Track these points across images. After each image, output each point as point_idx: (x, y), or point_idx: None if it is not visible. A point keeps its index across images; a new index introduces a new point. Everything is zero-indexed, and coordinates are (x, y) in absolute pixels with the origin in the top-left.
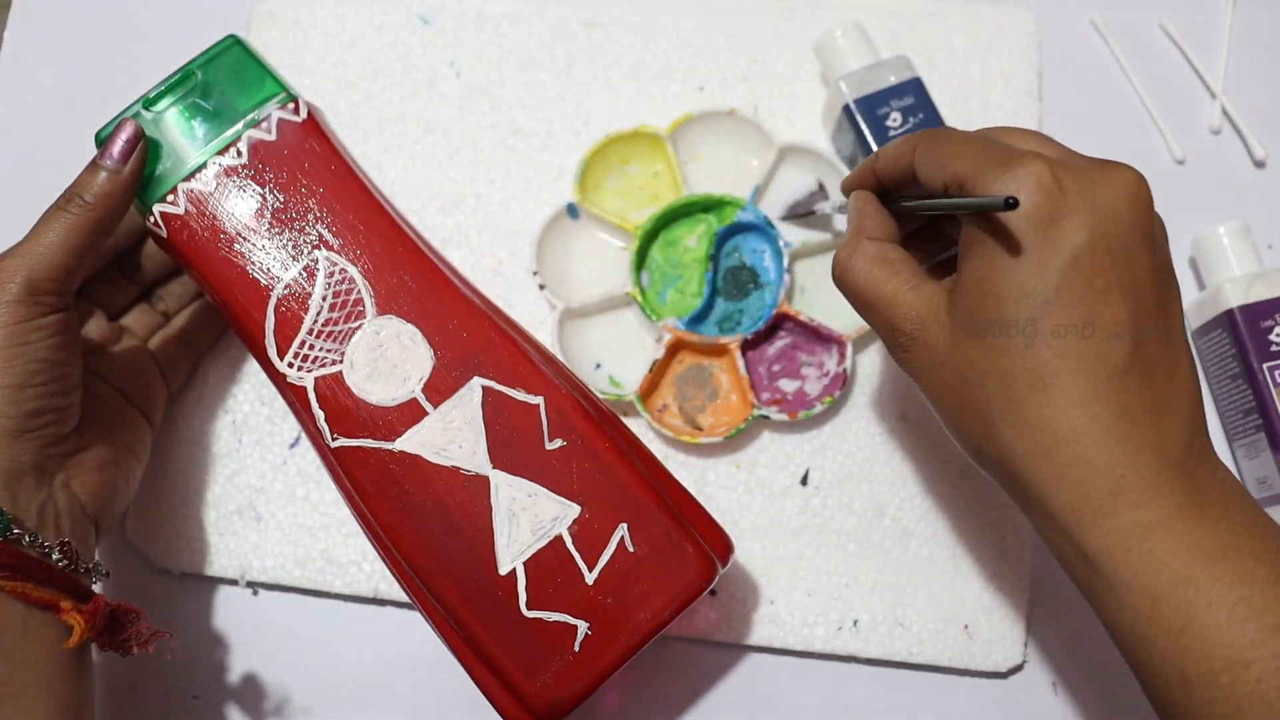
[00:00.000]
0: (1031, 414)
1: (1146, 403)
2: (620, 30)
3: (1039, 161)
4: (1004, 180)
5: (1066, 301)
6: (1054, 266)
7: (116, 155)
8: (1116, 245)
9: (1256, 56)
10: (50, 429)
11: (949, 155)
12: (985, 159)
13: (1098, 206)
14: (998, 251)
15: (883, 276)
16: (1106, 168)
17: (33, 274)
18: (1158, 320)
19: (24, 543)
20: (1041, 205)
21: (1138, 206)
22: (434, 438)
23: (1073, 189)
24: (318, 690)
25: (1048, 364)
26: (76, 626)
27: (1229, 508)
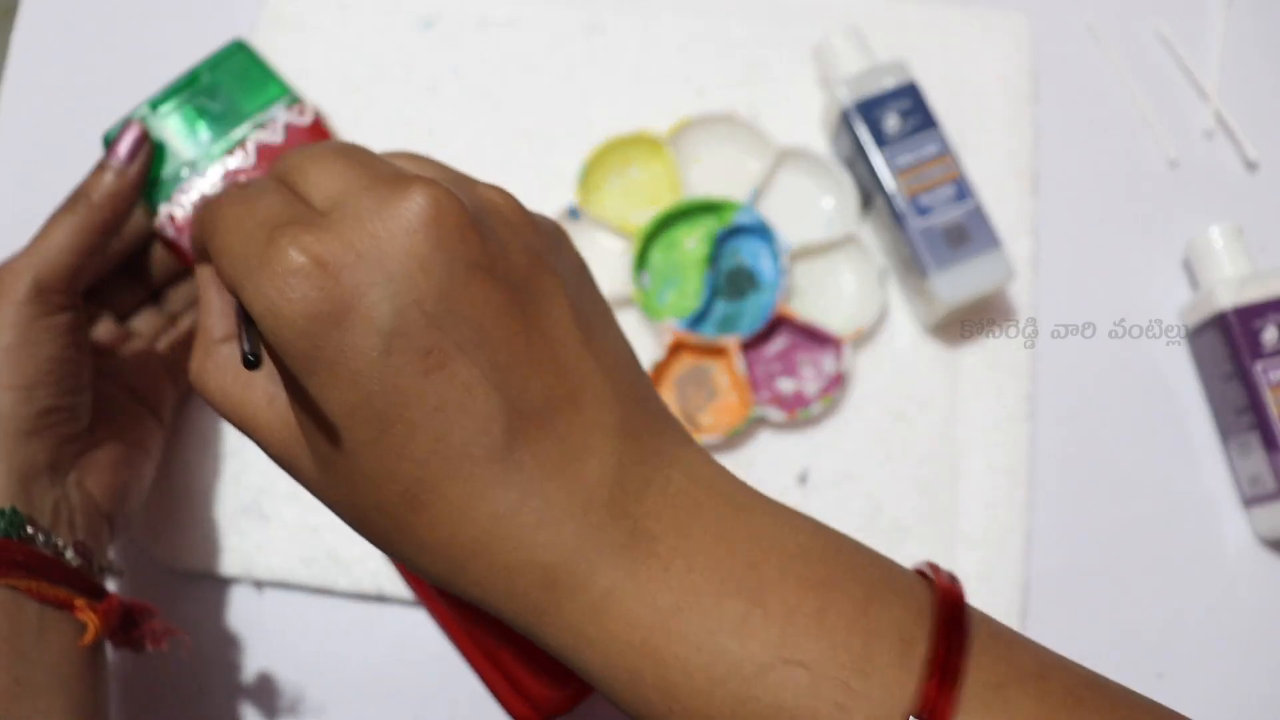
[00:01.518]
0: (426, 538)
1: (554, 463)
2: (621, 35)
3: (292, 247)
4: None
5: (402, 404)
6: (368, 371)
7: (123, 156)
8: (435, 300)
9: (1249, 60)
10: (63, 428)
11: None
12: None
13: (388, 269)
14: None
15: (236, 394)
16: (389, 203)
17: (40, 274)
18: (535, 355)
19: (38, 542)
20: (319, 309)
21: (445, 238)
22: None
23: (347, 261)
24: (323, 687)
25: (414, 479)
26: (91, 624)
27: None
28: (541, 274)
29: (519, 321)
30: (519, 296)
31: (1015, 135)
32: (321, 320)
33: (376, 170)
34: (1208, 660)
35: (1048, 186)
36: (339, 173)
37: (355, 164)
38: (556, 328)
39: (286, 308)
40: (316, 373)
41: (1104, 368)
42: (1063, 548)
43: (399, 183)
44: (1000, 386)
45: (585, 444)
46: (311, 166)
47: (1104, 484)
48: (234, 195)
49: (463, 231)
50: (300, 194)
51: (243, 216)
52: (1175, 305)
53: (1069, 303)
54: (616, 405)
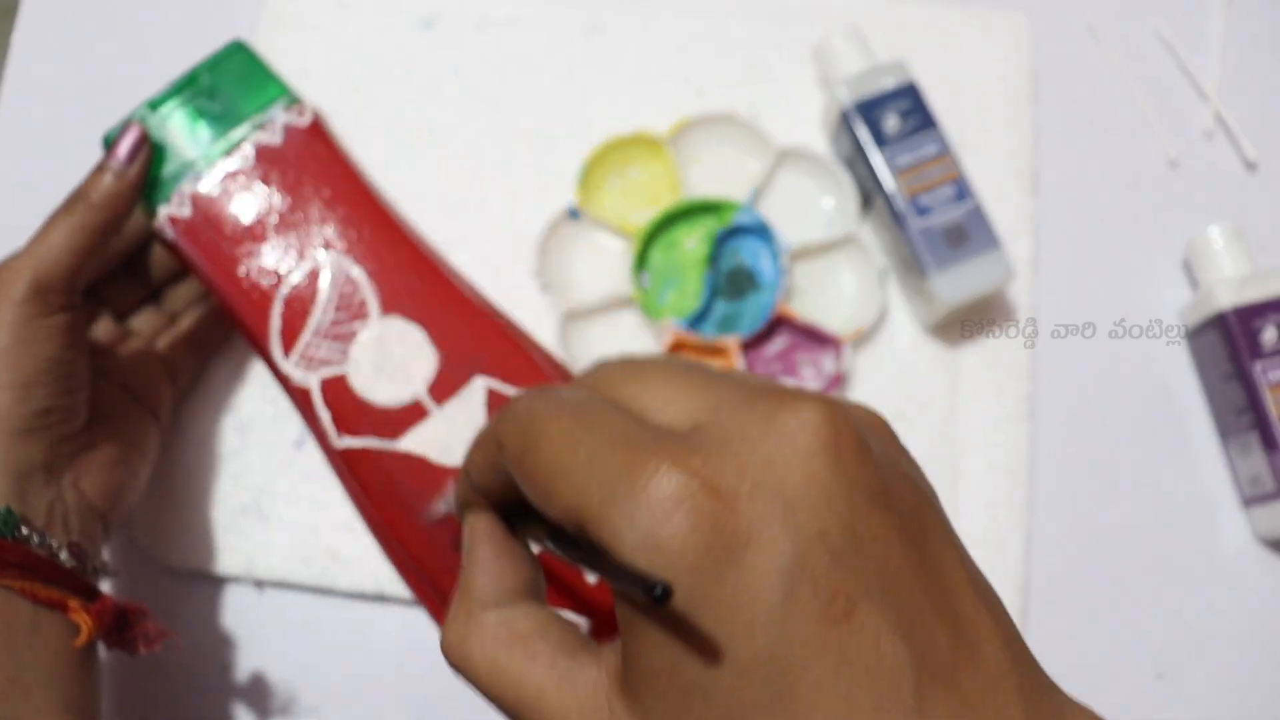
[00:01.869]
0: None
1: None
2: (621, 35)
3: (672, 470)
4: (633, 521)
5: (804, 659)
6: (764, 618)
7: (122, 157)
8: (838, 536)
9: (1248, 60)
10: (59, 428)
11: (547, 473)
12: (597, 477)
13: (787, 494)
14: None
15: (514, 665)
16: (774, 415)
17: (39, 274)
18: (935, 598)
19: (33, 542)
20: (705, 542)
21: (843, 459)
22: (438, 437)
23: (740, 489)
24: (322, 687)
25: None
26: (84, 625)
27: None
28: (924, 506)
29: (917, 562)
30: (911, 532)
31: (1015, 135)
32: (711, 556)
33: (739, 382)
34: (1207, 660)
35: (1048, 187)
36: (696, 387)
37: (708, 375)
38: (948, 569)
39: (673, 540)
40: (703, 619)
41: (1104, 368)
42: (1062, 548)
43: (784, 397)
44: (1000, 386)
45: (990, 704)
46: (650, 380)
47: (1104, 484)
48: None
49: (862, 456)
50: (636, 408)
51: (578, 432)
52: (1175, 305)
53: (1069, 303)
54: (1012, 659)
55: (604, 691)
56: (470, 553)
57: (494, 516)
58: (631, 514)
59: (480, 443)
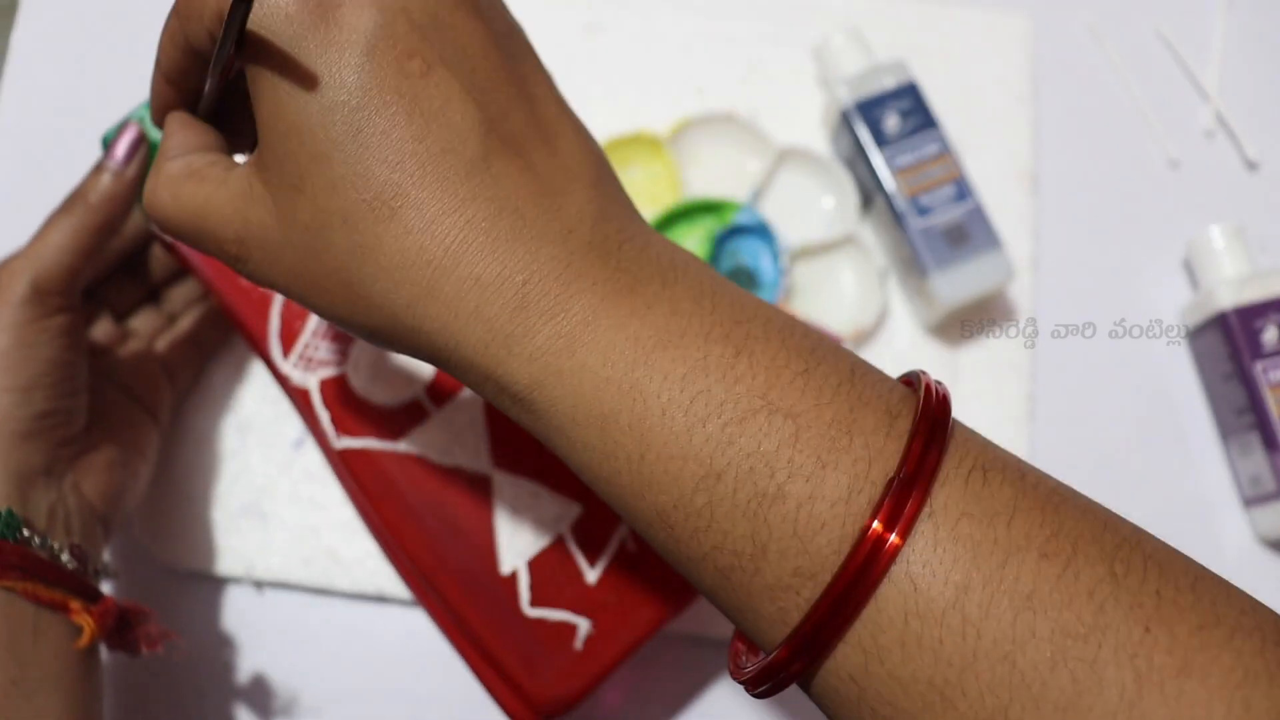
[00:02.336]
0: (393, 250)
1: (530, 185)
2: (620, 34)
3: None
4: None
5: (381, 100)
6: (350, 64)
7: (120, 158)
8: (420, 15)
9: (1249, 59)
10: (59, 430)
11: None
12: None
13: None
14: (277, 79)
15: (189, 192)
16: None
17: (38, 276)
18: (512, 92)
19: (34, 544)
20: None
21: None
22: (437, 438)
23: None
24: (323, 687)
25: (388, 182)
26: (86, 627)
27: (669, 285)
28: (518, 38)
29: (501, 58)
30: (502, 43)
31: (1015, 135)
32: (311, 9)
33: None
34: None
35: (1048, 186)
36: None
37: None
38: (536, 83)
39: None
40: (297, 66)
41: (1104, 368)
42: None
43: None
44: (1000, 387)
45: (563, 186)
46: None
47: (1104, 484)
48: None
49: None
50: None
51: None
52: (1175, 305)
53: (1069, 303)
54: (594, 168)
55: (247, 177)
56: (165, 134)
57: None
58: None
59: (164, 29)
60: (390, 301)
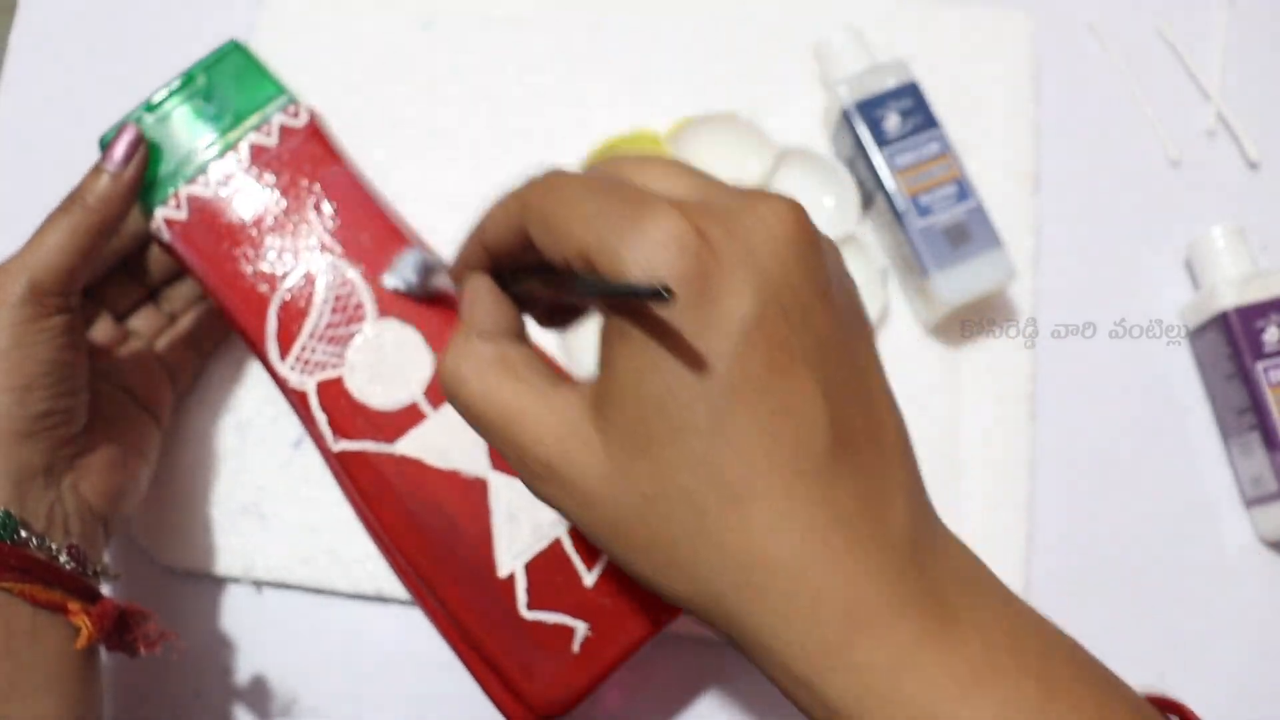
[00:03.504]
0: (731, 539)
1: (861, 492)
2: (621, 34)
3: (672, 213)
4: (635, 246)
5: (747, 393)
6: (723, 350)
7: (118, 159)
8: (791, 306)
9: (1251, 59)
10: (58, 430)
11: (564, 217)
12: (607, 218)
13: (758, 260)
14: (648, 344)
15: (501, 388)
16: (756, 204)
17: (36, 276)
18: (855, 383)
19: (32, 545)
20: (688, 273)
21: (804, 249)
22: (435, 440)
23: (723, 242)
24: (321, 688)
25: (739, 475)
26: (84, 628)
27: (977, 609)
28: (858, 318)
29: (845, 351)
30: (845, 329)
31: (1016, 135)
32: (690, 286)
33: (723, 182)
34: (1209, 661)
35: (1049, 186)
36: (686, 177)
37: (702, 174)
38: (869, 369)
39: (666, 268)
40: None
41: (1105, 368)
42: (1063, 548)
43: (759, 192)
44: (1001, 386)
45: (887, 489)
46: (649, 170)
47: (1105, 484)
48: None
49: (817, 253)
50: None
51: (594, 188)
52: (1176, 305)
53: (1070, 303)
54: (907, 461)
55: (576, 409)
56: (470, 297)
57: (489, 277)
58: (635, 245)
59: (501, 204)
60: (714, 585)
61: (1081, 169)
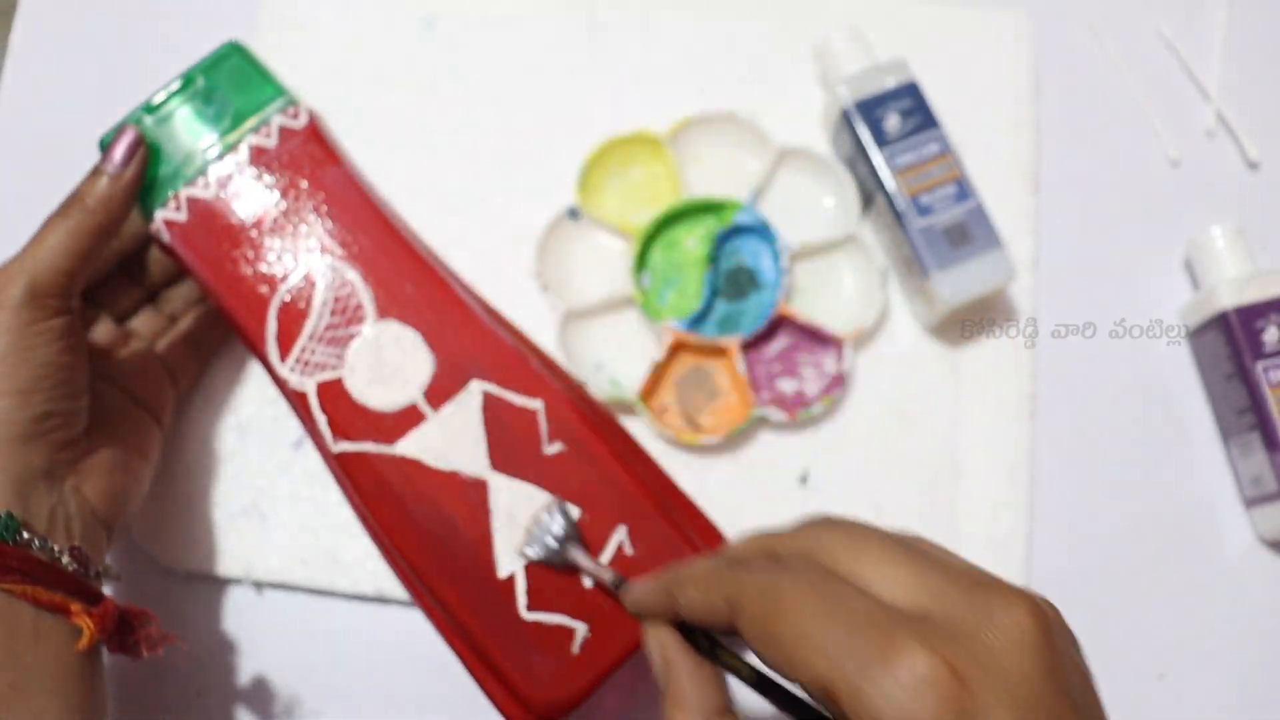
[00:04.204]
0: None
1: None
2: (621, 34)
3: (923, 649)
4: (884, 688)
5: None
6: None
7: (118, 160)
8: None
9: (1251, 59)
10: (59, 433)
11: (798, 646)
12: (850, 653)
13: (1009, 687)
14: None
15: None
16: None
17: (35, 278)
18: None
19: (34, 547)
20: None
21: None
22: (434, 442)
23: (975, 675)
24: (322, 688)
25: None
26: (86, 629)
27: None
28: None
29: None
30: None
31: (1016, 135)
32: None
33: (954, 571)
34: (1209, 661)
35: (1049, 186)
36: (913, 571)
37: (924, 558)
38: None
39: (915, 711)
40: None
41: (1105, 368)
42: (1064, 548)
43: (994, 589)
44: (1002, 387)
45: None
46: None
47: (1105, 485)
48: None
49: (1062, 658)
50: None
51: (827, 608)
52: (1176, 305)
53: (1070, 303)
54: None
55: None
56: (670, 666)
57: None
58: (887, 689)
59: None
60: None
61: (1081, 169)
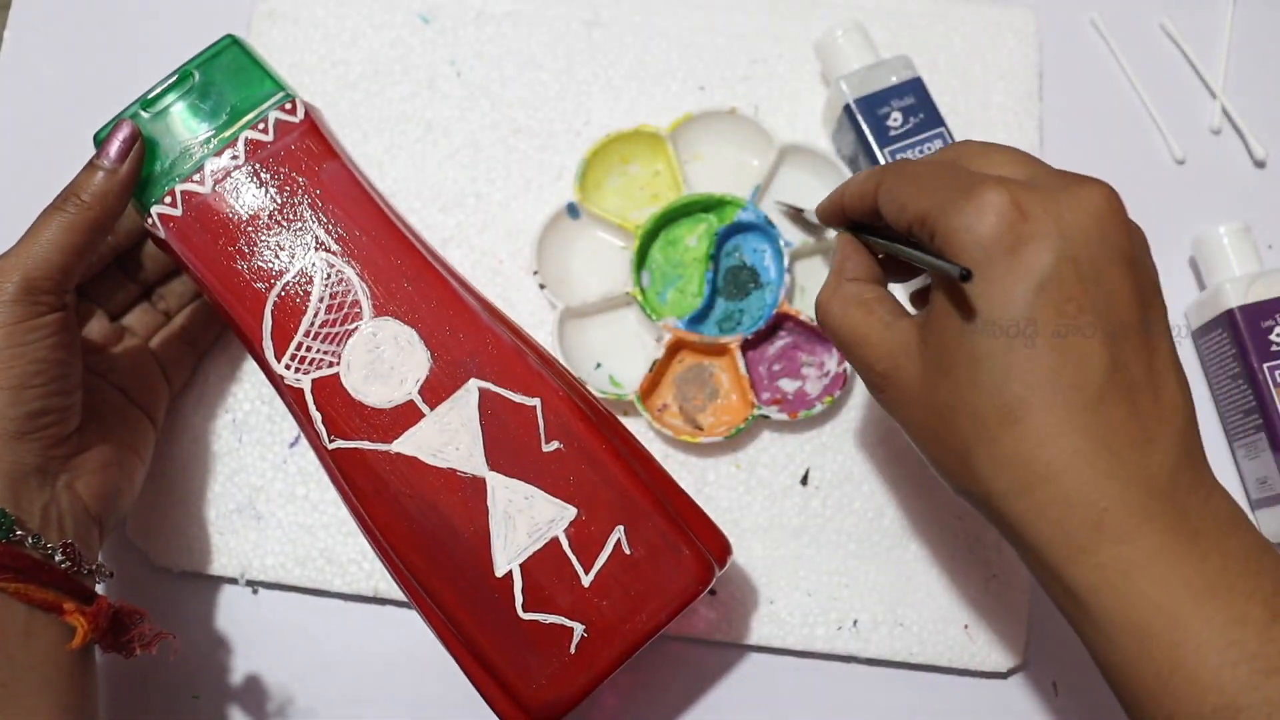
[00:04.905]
0: (1006, 450)
1: (1130, 429)
2: (621, 29)
3: (998, 188)
4: (963, 213)
5: (1033, 333)
6: (1019, 296)
7: (114, 155)
8: (1086, 267)
9: (1257, 56)
10: (52, 430)
11: (909, 192)
12: (944, 191)
13: (1063, 229)
14: (957, 291)
15: (857, 318)
16: (1074, 186)
17: (29, 274)
18: (1140, 341)
19: (26, 545)
20: (1002, 235)
21: (1108, 224)
22: (431, 440)
23: (1036, 212)
24: (317, 689)
25: (1019, 397)
26: (79, 628)
27: (1223, 539)
28: (1156, 293)
29: (1138, 311)
30: (1138, 295)
31: (1020, 132)
32: (1002, 244)
33: (1052, 168)
34: None
35: None
36: (1022, 163)
37: (1033, 161)
38: (1158, 335)
39: (980, 228)
40: (979, 283)
41: None
42: None
43: (1081, 178)
44: None
45: (1157, 434)
46: (994, 155)
47: None
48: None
49: (1123, 226)
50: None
51: (937, 169)
52: (1181, 304)
53: None
54: (1184, 419)
55: (908, 335)
56: (840, 251)
57: (854, 235)
58: (963, 211)
59: (860, 179)
60: (990, 483)
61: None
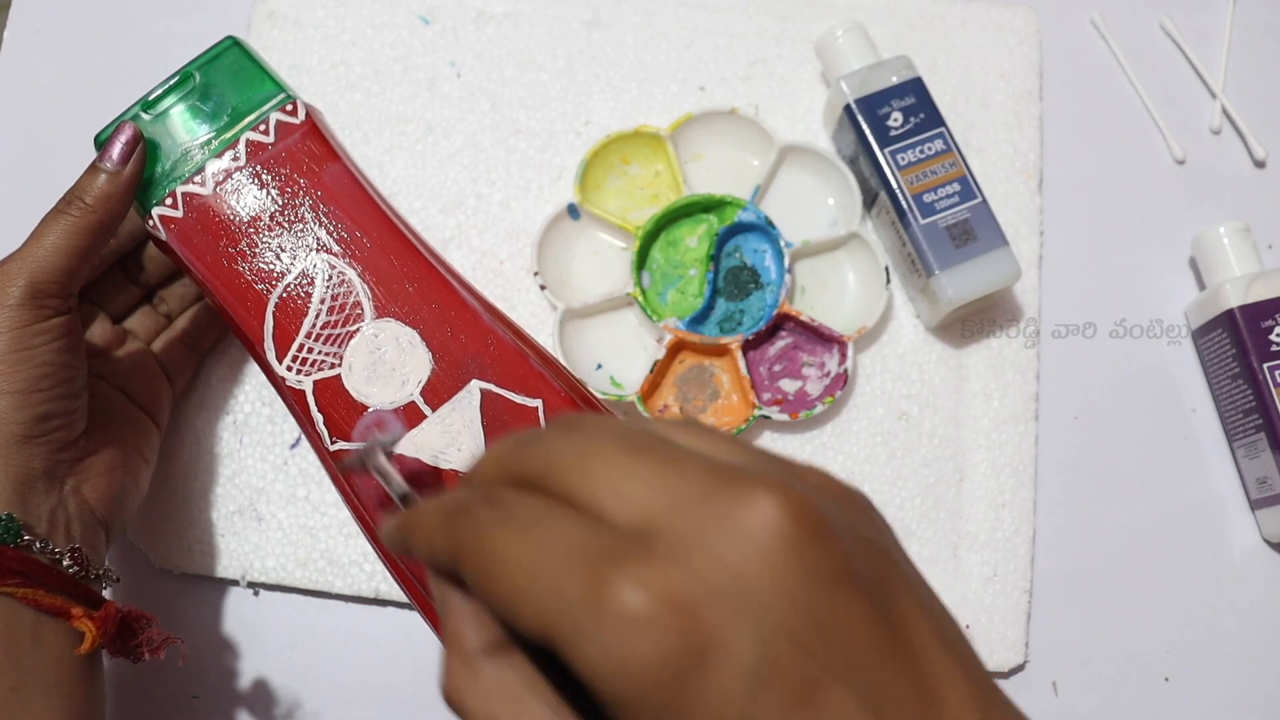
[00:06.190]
0: None
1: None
2: (621, 30)
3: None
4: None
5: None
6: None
7: (116, 157)
8: (803, 628)
9: (1257, 56)
10: (59, 433)
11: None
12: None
13: (751, 598)
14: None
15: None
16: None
17: (34, 277)
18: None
19: (34, 549)
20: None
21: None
22: (432, 441)
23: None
24: (318, 690)
25: None
26: (88, 633)
27: None
28: (888, 569)
29: (883, 631)
30: (875, 599)
31: (1020, 132)
32: (681, 668)
33: (693, 470)
34: (1215, 663)
35: (1053, 184)
36: (648, 476)
37: (661, 462)
38: (914, 629)
39: (639, 661)
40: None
41: (1109, 367)
42: (1068, 550)
43: (740, 489)
44: (1005, 386)
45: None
46: (599, 470)
47: (1110, 485)
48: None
49: (823, 542)
50: (589, 505)
51: (533, 552)
52: (1182, 304)
53: (1074, 302)
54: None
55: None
56: (445, 607)
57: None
58: (597, 636)
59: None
60: None
61: (1086, 167)
